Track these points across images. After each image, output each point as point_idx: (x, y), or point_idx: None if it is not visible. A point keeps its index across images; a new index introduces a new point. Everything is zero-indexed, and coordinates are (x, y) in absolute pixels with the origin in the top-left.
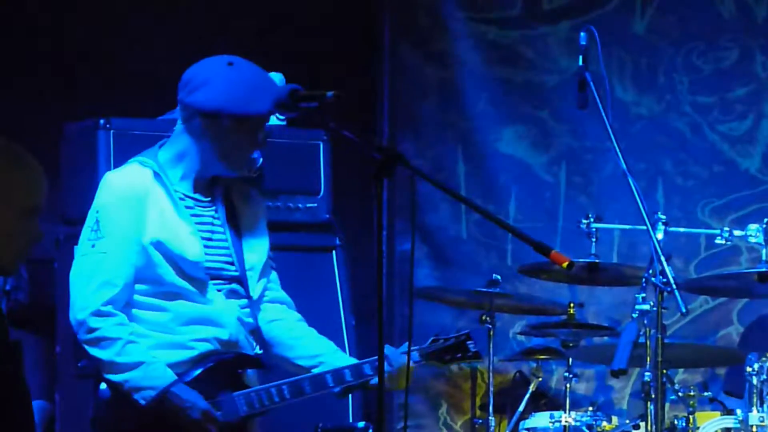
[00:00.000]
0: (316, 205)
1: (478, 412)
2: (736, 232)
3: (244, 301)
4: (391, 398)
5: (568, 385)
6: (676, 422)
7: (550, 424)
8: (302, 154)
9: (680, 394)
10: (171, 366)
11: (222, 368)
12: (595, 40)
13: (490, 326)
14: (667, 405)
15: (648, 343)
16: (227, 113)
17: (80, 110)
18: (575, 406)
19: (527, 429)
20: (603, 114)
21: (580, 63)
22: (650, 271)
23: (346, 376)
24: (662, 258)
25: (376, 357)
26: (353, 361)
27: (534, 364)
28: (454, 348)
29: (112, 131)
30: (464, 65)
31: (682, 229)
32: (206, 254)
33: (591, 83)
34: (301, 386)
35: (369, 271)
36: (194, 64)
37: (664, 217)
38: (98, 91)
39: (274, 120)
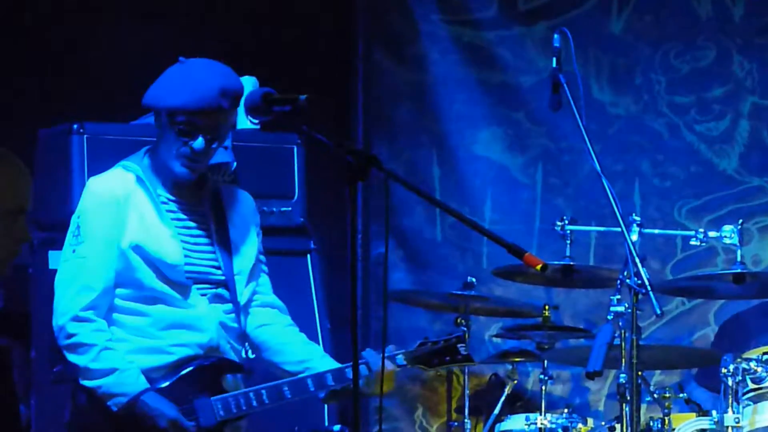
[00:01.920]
0: (290, 209)
1: (453, 415)
2: (711, 234)
3: (230, 305)
4: (366, 401)
5: (543, 387)
6: (651, 424)
7: (526, 427)
8: (276, 157)
9: (656, 395)
10: (150, 371)
11: (200, 373)
12: (569, 41)
13: (465, 329)
14: (643, 406)
15: (623, 344)
16: (151, 105)
17: (54, 115)
18: (551, 408)
19: (503, 431)
20: (576, 115)
21: (554, 65)
22: (625, 273)
23: (327, 380)
24: (637, 260)
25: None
26: (338, 365)
27: (509, 367)
28: (443, 351)
29: (85, 136)
30: (439, 67)
31: (656, 231)
32: (190, 258)
33: (564, 85)
34: (280, 390)
35: (344, 275)
36: None
37: (638, 218)
38: (72, 96)
39: (247, 124)
